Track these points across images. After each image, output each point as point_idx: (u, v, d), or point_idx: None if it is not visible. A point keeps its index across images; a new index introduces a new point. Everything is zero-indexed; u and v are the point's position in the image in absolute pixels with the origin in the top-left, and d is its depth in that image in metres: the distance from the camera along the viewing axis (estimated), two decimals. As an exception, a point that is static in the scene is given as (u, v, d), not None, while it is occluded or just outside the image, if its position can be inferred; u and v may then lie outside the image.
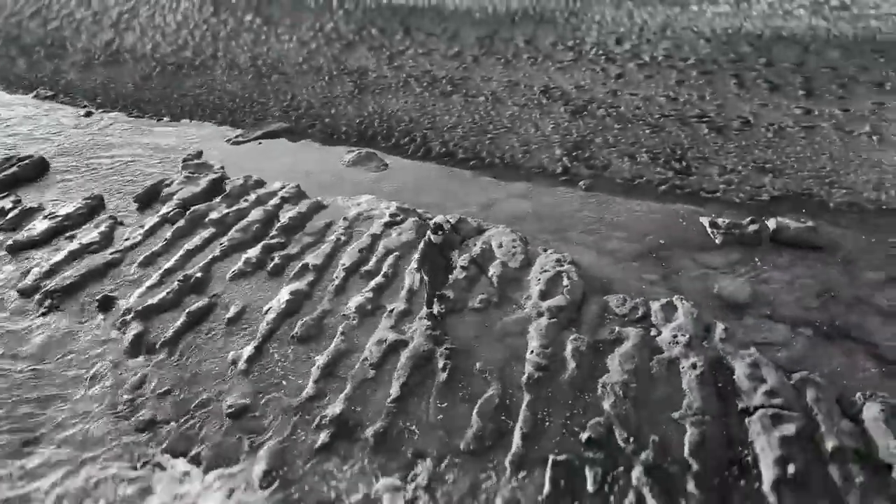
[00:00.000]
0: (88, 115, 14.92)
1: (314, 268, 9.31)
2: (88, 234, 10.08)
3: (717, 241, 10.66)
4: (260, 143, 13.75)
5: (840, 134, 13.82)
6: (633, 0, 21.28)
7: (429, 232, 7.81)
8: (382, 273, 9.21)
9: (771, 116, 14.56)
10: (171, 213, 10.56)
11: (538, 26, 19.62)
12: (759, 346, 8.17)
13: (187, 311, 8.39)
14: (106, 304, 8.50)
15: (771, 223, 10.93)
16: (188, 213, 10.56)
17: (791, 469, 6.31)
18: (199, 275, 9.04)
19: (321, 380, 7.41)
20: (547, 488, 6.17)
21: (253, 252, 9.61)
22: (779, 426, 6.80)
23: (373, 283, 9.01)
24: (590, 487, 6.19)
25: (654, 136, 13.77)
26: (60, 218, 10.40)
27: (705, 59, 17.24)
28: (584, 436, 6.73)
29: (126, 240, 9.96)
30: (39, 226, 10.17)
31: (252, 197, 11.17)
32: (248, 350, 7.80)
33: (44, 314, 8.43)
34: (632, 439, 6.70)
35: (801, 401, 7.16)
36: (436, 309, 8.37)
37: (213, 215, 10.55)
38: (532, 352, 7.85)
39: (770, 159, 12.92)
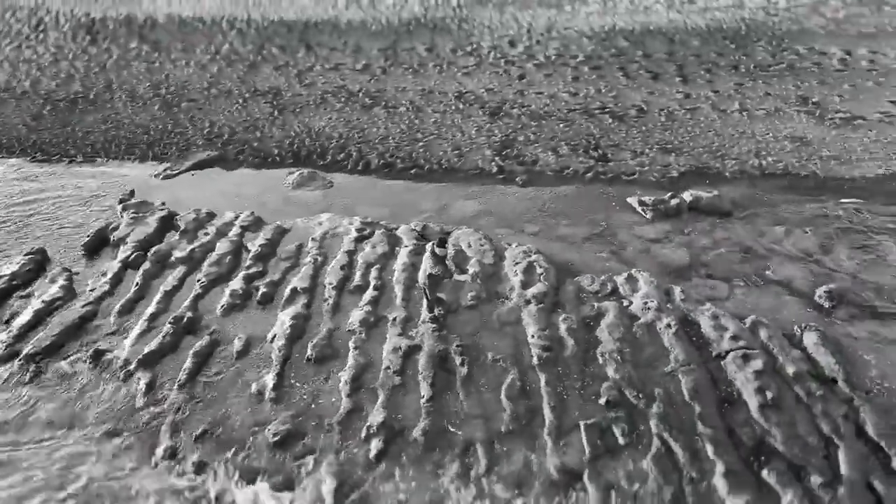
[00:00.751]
0: (-18, 165, 13.63)
1: (303, 290, 9.49)
2: (46, 290, 9.48)
3: (648, 216, 12.09)
4: (193, 174, 13.39)
5: (717, 113, 15.97)
6: (514, 4, 22.78)
7: (433, 245, 8.38)
8: (372, 286, 9.59)
9: (659, 102, 16.47)
10: (131, 256, 10.17)
11: (434, 34, 20.48)
12: (712, 300, 9.58)
13: (192, 351, 8.30)
14: (98, 359, 8.17)
15: (686, 196, 12.56)
16: (150, 254, 10.23)
17: (769, 395, 7.63)
18: (189, 315, 8.91)
19: (353, 394, 7.73)
20: (587, 450, 7.01)
21: (236, 284, 9.59)
22: (749, 363, 8.14)
23: (367, 297, 9.37)
24: (621, 441, 7.11)
25: (567, 130, 15.11)
26: (6, 278, 9.67)
27: (592, 56, 19.00)
28: (602, 400, 7.66)
29: (92, 290, 9.50)
30: (-16, 290, 9.42)
31: (210, 230, 11.01)
32: (269, 379, 7.92)
33: (32, 380, 7.94)
34: (640, 395, 7.72)
35: (758, 340, 8.58)
36: (436, 312, 8.94)
37: (178, 253, 10.31)
38: (533, 336, 8.67)
39: (669, 140, 14.70)
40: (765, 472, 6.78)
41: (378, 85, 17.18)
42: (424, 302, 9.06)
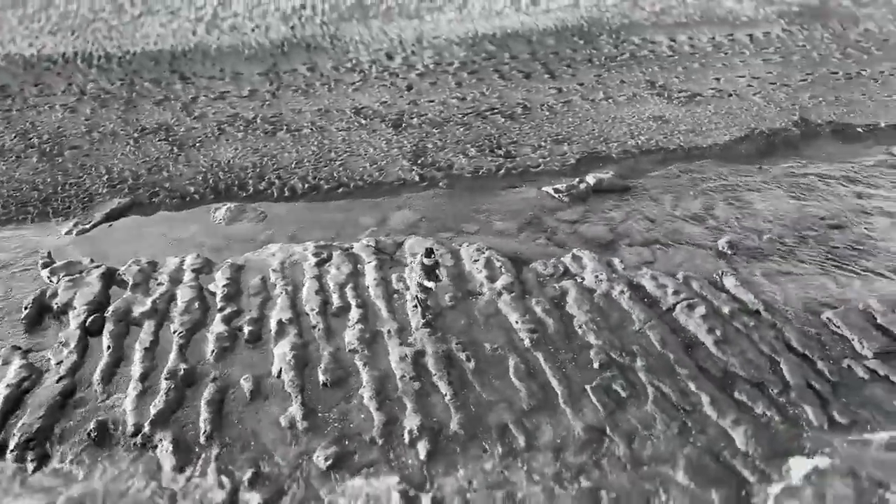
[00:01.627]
0: None
1: (289, 321, 9.57)
2: (4, 373, 8.61)
3: (565, 201, 13.53)
4: (110, 225, 12.52)
5: (588, 103, 17.96)
6: (377, 17, 23.41)
7: (421, 257, 8.98)
8: (355, 305, 9.92)
9: (538, 99, 18.12)
10: (88, 320, 9.51)
11: (311, 53, 20.51)
12: (645, 264, 11.16)
13: (203, 402, 8.13)
14: (104, 431, 7.74)
15: (590, 179, 14.20)
16: (109, 314, 9.63)
17: (718, 333, 9.25)
18: (182, 367, 8.65)
19: (381, 407, 8.12)
20: (600, 408, 8.09)
21: (217, 327, 9.40)
22: (694, 311, 9.73)
23: (354, 316, 9.69)
24: (623, 395, 8.28)
25: (468, 133, 16.19)
26: (-53, 369, 8.62)
27: (466, 62, 20.26)
28: (595, 364, 8.79)
29: (59, 363, 8.79)
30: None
31: (162, 279, 10.55)
32: (295, 410, 8.05)
33: (37, 469, 7.34)
34: (624, 354, 8.97)
35: (693, 290, 10.25)
36: (428, 316, 9.53)
37: (140, 308, 9.81)
38: (517, 322, 9.59)
39: (558, 132, 16.35)
40: (737, 394, 8.31)
41: (272, 110, 17.02)
42: (419, 310, 9.59)
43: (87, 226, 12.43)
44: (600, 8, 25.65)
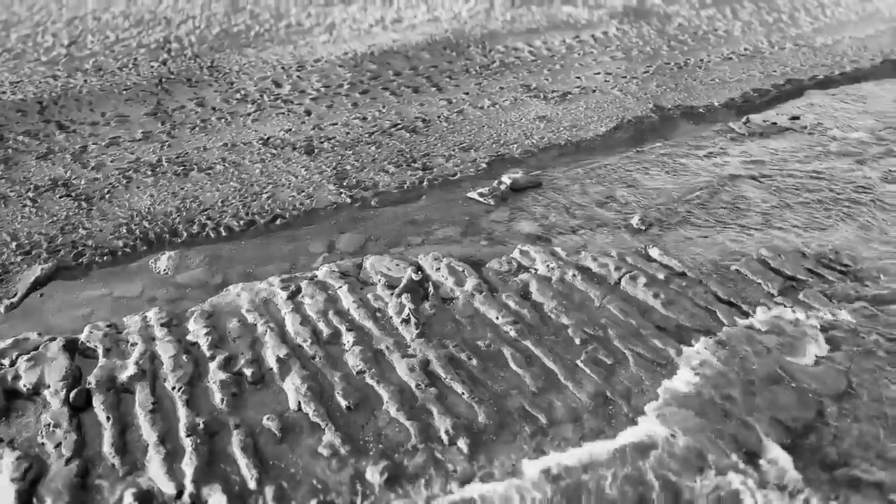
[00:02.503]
0: None
1: (287, 356, 9.64)
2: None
3: (491, 203, 14.64)
4: (41, 294, 11.44)
5: (479, 111, 19.28)
6: (251, 46, 22.92)
7: (409, 272, 9.51)
8: (345, 329, 10.19)
9: (433, 111, 19.09)
10: (71, 395, 8.86)
11: (195, 88, 19.67)
12: (580, 248, 12.58)
13: (237, 450, 8.07)
14: (149, 499, 7.45)
15: (506, 180, 15.47)
16: (94, 385, 9.03)
17: (661, 297, 10.84)
18: (200, 420, 8.46)
19: (411, 419, 8.60)
20: (595, 377, 9.26)
21: (218, 375, 9.23)
22: (636, 281, 11.26)
23: (349, 340, 9.98)
24: (609, 362, 9.52)
25: (380, 151, 16.73)
26: (-76, 481, 7.65)
27: (354, 82, 20.66)
28: (577, 341, 9.95)
29: (58, 445, 8.16)
30: None
31: (133, 339, 10.01)
32: (331, 437, 8.27)
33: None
34: (597, 328, 10.23)
35: (629, 264, 11.80)
36: (421, 327, 10.10)
37: (125, 373, 9.29)
38: (497, 318, 10.49)
39: (462, 140, 17.44)
40: (693, 343, 9.92)
41: (174, 150, 16.27)
42: (411, 322, 10.10)
43: (14, 299, 11.29)
44: (459, 20, 27.22)
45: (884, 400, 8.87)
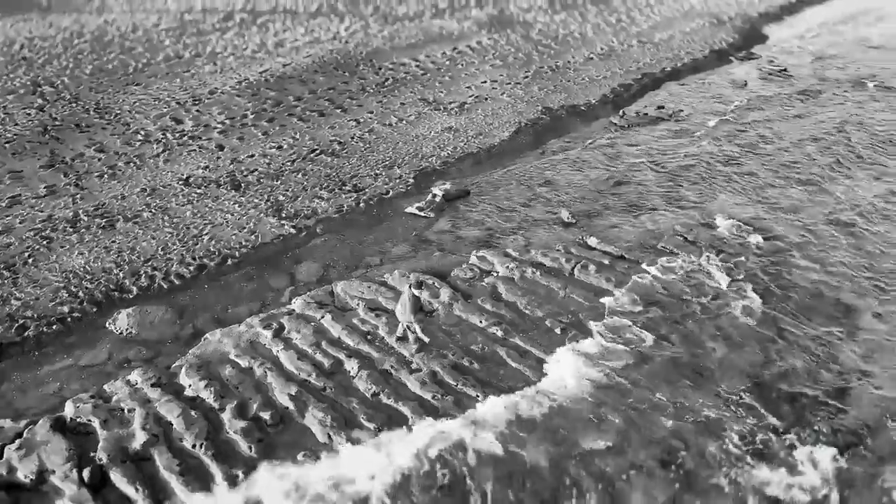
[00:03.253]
0: None
1: (299, 393, 9.72)
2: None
3: (431, 216, 15.34)
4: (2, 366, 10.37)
5: (388, 128, 19.82)
6: (135, 84, 21.49)
7: (411, 288, 10.00)
8: (345, 356, 10.43)
9: (346, 133, 19.30)
10: (85, 475, 8.32)
11: (87, 132, 18.13)
12: (529, 247, 13.70)
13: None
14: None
15: (437, 191, 16.23)
16: (107, 458, 8.52)
17: (612, 280, 12.26)
18: (238, 472, 8.38)
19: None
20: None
21: (235, 425, 9.09)
22: (588, 269, 12.59)
23: (353, 366, 10.25)
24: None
25: (308, 178, 16.72)
26: None
27: (258, 111, 20.24)
28: (557, 330, 11.03)
29: (93, 530, 7.70)
30: None
31: (129, 405, 9.50)
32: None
33: None
34: (570, 315, 11.39)
35: (575, 255, 13.11)
36: (419, 342, 10.59)
37: (137, 440, 8.84)
38: (481, 322, 11.28)
39: (383, 158, 17.93)
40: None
41: (89, 202, 15.09)
42: (414, 337, 10.54)
43: (-33, 386, 10.13)
44: (340, 40, 27.40)
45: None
